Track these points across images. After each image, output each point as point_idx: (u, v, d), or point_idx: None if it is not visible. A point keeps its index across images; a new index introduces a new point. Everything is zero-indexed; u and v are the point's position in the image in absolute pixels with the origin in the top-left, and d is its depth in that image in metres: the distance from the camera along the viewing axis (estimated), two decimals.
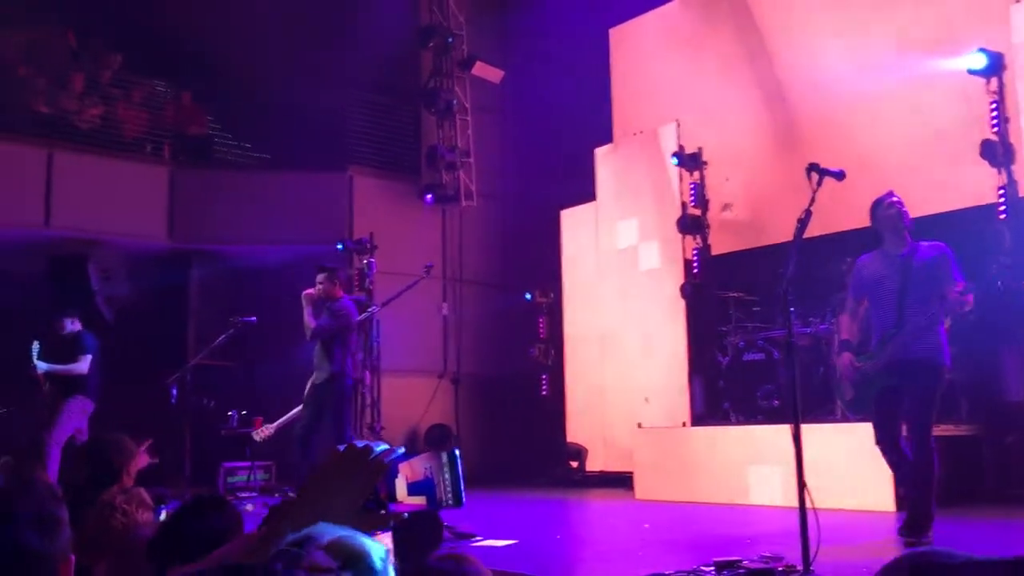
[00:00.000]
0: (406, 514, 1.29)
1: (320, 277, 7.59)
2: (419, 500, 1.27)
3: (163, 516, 3.92)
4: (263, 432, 8.42)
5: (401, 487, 1.27)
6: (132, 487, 3.65)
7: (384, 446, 1.27)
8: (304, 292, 7.61)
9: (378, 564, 1.02)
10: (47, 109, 10.21)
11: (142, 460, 4.03)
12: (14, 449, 7.48)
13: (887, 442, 5.02)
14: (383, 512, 1.27)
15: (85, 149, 10.10)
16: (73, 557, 1.84)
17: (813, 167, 4.23)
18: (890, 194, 5.05)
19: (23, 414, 8.25)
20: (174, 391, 8.65)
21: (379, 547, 1.04)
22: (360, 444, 1.27)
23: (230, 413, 9.96)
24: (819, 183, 4.27)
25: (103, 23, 12.25)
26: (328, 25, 11.37)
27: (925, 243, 5.11)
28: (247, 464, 9.71)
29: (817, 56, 9.06)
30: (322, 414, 7.45)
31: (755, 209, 9.39)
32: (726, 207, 9.51)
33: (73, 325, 7.93)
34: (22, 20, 11.34)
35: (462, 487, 1.28)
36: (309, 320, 7.47)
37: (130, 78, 11.15)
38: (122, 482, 3.81)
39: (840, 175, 4.30)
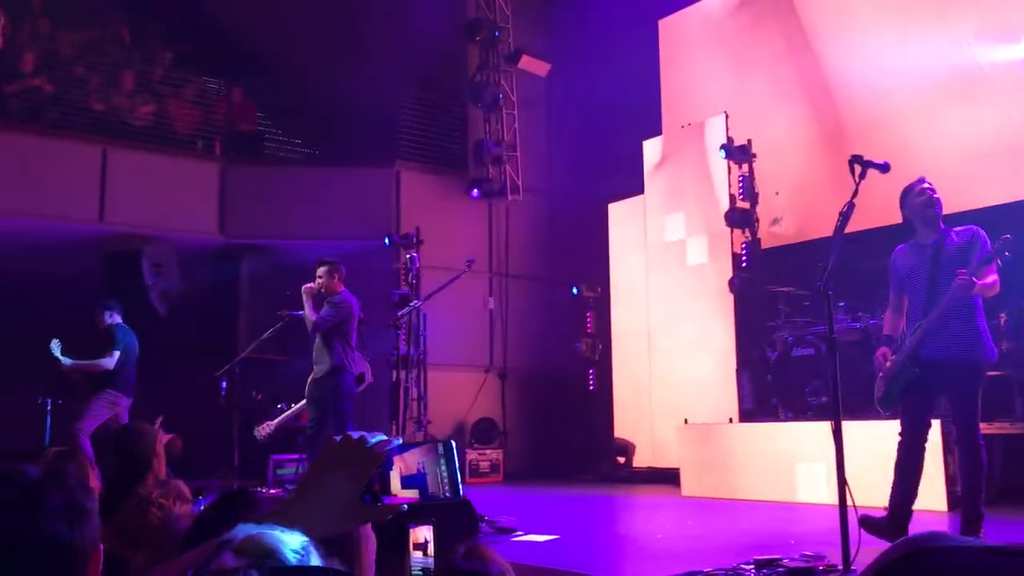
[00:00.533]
0: (404, 506, 1.27)
1: (320, 271, 7.58)
2: (412, 493, 1.25)
3: (201, 508, 3.97)
4: (264, 430, 8.46)
5: (395, 480, 1.25)
6: (170, 480, 3.71)
7: (380, 436, 1.26)
8: (304, 286, 7.59)
9: (291, 557, 1.01)
10: (101, 107, 10.41)
11: (162, 438, 4.08)
12: (65, 441, 7.67)
13: (909, 443, 4.81)
14: (379, 505, 1.26)
15: (138, 146, 10.28)
16: (102, 547, 1.86)
17: (856, 159, 4.11)
18: (921, 180, 4.83)
19: (72, 407, 8.43)
20: (224, 384, 8.80)
21: (294, 540, 1.03)
22: (356, 435, 1.25)
23: (279, 406, 10.06)
24: (862, 175, 4.16)
25: (155, 21, 12.49)
26: (375, 21, 11.44)
27: (957, 228, 4.93)
28: (296, 456, 9.82)
29: (866, 46, 8.87)
30: (327, 411, 7.42)
31: (806, 202, 9.22)
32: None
33: (112, 318, 8.02)
34: (79, 19, 11.60)
35: (459, 479, 1.25)
36: (310, 314, 7.45)
37: (181, 75, 11.33)
38: (154, 468, 3.87)
39: (885, 167, 4.17)
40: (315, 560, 1.03)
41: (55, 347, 7.85)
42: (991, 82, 7.86)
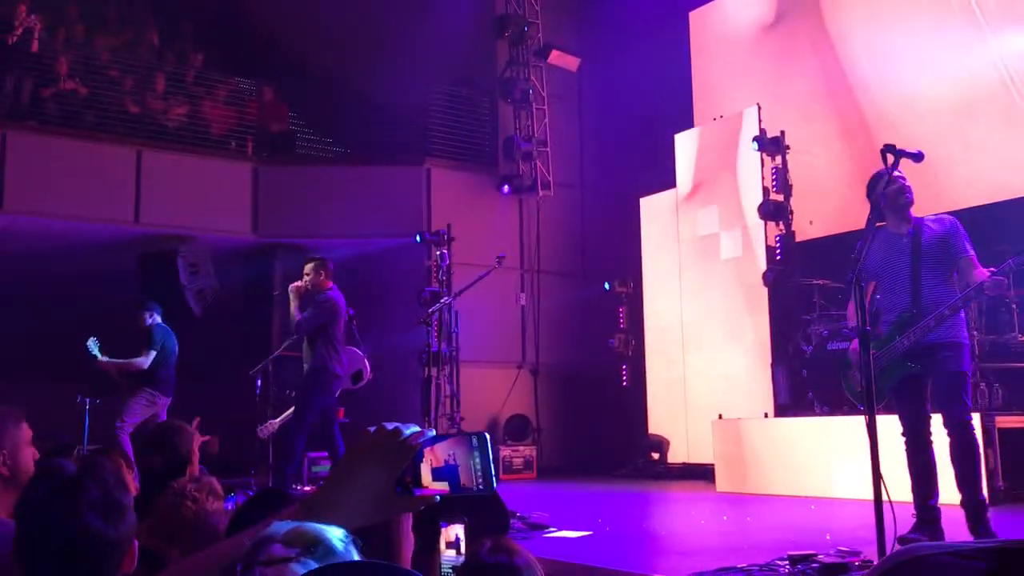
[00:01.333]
0: (437, 498, 1.26)
1: (307, 268, 7.48)
2: (442, 486, 1.24)
3: (232, 505, 4.01)
4: (267, 428, 8.49)
5: (426, 471, 1.24)
6: (204, 476, 3.75)
7: (414, 428, 1.24)
8: (291, 285, 7.50)
9: (338, 546, 1.01)
10: (136, 109, 10.53)
11: (197, 439, 4.13)
12: (104, 439, 7.77)
13: (915, 440, 4.67)
14: (411, 496, 1.25)
15: (172, 147, 10.40)
16: (136, 542, 1.87)
17: (889, 148, 4.04)
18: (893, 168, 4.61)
19: (110, 406, 8.54)
20: (259, 382, 8.87)
21: (337, 530, 1.03)
22: (390, 426, 1.24)
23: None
24: (895, 165, 4.09)
25: (186, 22, 12.62)
26: (405, 19, 11.47)
27: (930, 218, 4.81)
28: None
29: (893, 42, 8.74)
30: (306, 409, 7.38)
31: (840, 194, 9.11)
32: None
33: (152, 319, 8.11)
34: (112, 24, 11.76)
35: (493, 471, 1.24)
36: (295, 313, 7.34)
37: (213, 76, 11.43)
38: (192, 466, 3.92)
39: (918, 156, 4.09)
40: (354, 554, 1.04)
41: (92, 345, 7.95)
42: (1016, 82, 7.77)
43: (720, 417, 8.52)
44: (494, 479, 1.24)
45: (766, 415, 8.52)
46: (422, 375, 10.32)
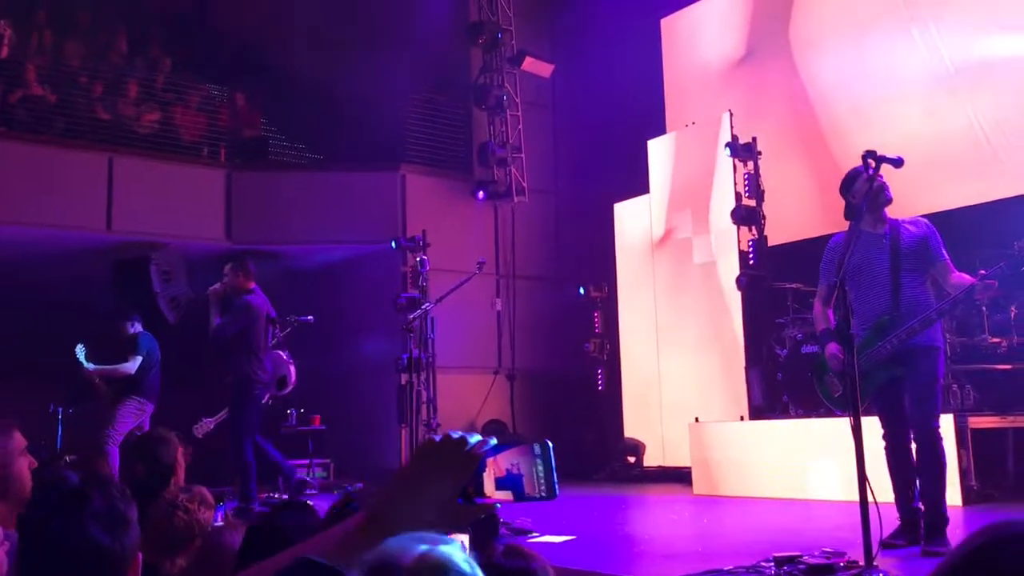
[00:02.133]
0: (498, 505, 1.27)
1: (225, 269, 7.21)
2: (506, 495, 1.25)
3: (222, 515, 4.00)
4: (202, 428, 8.39)
5: (488, 482, 1.25)
6: (195, 486, 3.74)
7: (477, 437, 1.26)
8: (209, 289, 7.21)
9: (466, 568, 1.01)
10: (107, 115, 10.43)
11: (181, 450, 4.13)
12: (80, 448, 7.69)
13: (897, 444, 4.68)
14: (473, 505, 1.26)
15: (144, 154, 10.31)
16: (140, 555, 1.87)
17: (870, 154, 4.12)
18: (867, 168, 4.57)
19: (87, 414, 8.45)
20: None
21: (458, 551, 1.03)
22: (456, 435, 1.25)
23: (289, 411, 10.10)
24: (876, 170, 4.17)
25: (156, 28, 12.52)
26: (378, 24, 11.47)
27: (906, 220, 4.82)
28: (306, 461, 9.85)
29: (868, 47, 8.90)
30: (238, 421, 7.18)
31: (811, 199, 9.24)
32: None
33: (134, 327, 8.06)
34: (82, 28, 11.64)
35: (555, 478, 1.26)
36: (214, 319, 7.09)
37: (184, 82, 11.35)
38: (177, 476, 3.91)
39: (898, 162, 4.16)
40: (479, 571, 1.04)
41: (80, 352, 7.87)
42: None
43: (696, 420, 8.60)
44: (556, 486, 1.26)
45: (742, 418, 8.61)
46: (398, 381, 10.31)
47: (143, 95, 10.89)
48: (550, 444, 1.26)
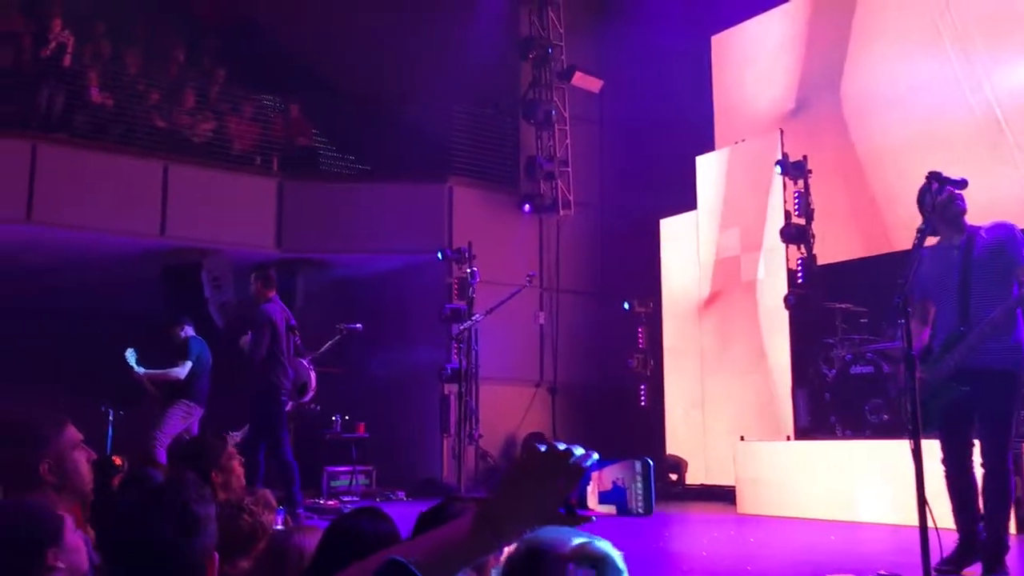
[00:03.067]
0: (594, 517, 1.29)
1: (251, 279, 7.44)
2: (609, 509, 1.28)
3: (281, 518, 4.06)
4: (231, 440, 8.47)
5: (592, 495, 1.27)
6: (258, 489, 3.79)
7: (581, 450, 1.27)
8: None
9: (621, 564, 1.04)
10: (163, 123, 10.64)
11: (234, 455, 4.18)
12: (128, 451, 7.80)
13: (955, 466, 4.48)
14: (573, 517, 1.28)
15: (198, 162, 10.49)
16: (217, 557, 1.89)
17: (934, 175, 4.08)
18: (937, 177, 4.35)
19: (138, 417, 8.58)
20: (283, 397, 8.89)
21: (610, 544, 1.06)
22: (561, 446, 1.26)
23: (333, 418, 10.19)
24: (939, 191, 4.14)
25: (211, 39, 12.76)
26: (430, 39, 11.58)
27: (985, 225, 4.54)
28: (349, 468, 9.93)
29: (920, 67, 8.83)
30: (262, 428, 7.23)
31: (862, 218, 9.17)
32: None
33: (185, 332, 8.18)
34: (140, 38, 11.90)
35: (653, 497, 1.28)
36: (243, 339, 7.32)
37: (238, 92, 11.54)
38: (233, 480, 3.95)
39: (962, 183, 4.13)
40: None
41: (130, 356, 7.99)
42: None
43: (742, 439, 8.54)
44: (653, 504, 1.28)
45: (788, 438, 8.54)
46: (441, 391, 10.37)
47: (198, 104, 11.09)
48: (651, 463, 1.28)
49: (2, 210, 9.25)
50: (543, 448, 1.26)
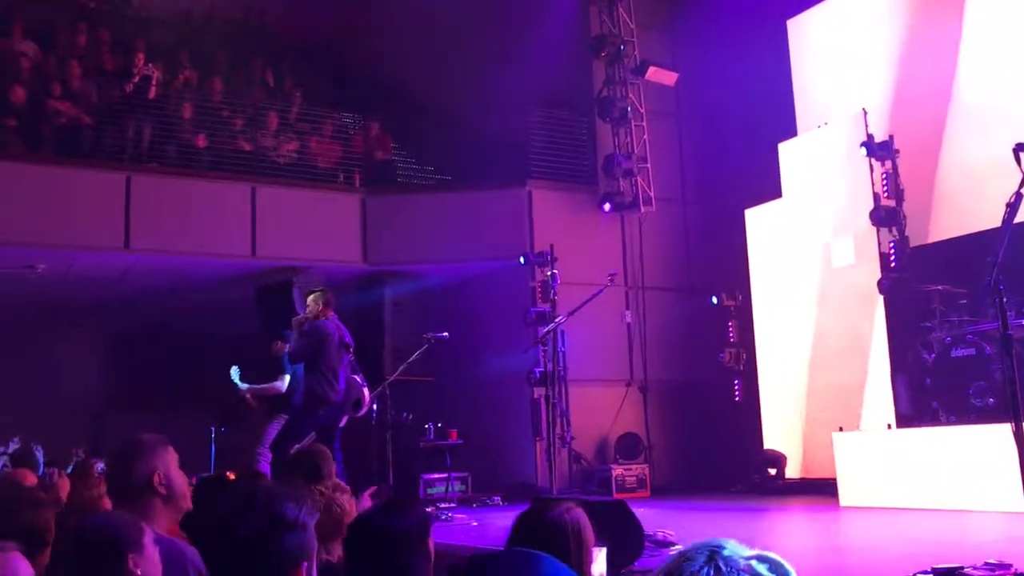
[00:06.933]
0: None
1: (308, 299, 7.88)
2: None
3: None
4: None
5: None
6: (339, 482, 4.03)
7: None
8: (294, 318, 7.97)
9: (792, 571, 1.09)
10: (249, 147, 10.95)
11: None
12: (234, 467, 8.05)
13: None
14: None
15: (284, 182, 10.76)
16: (305, 565, 1.93)
17: (1021, 146, 3.91)
18: None
19: (240, 433, 8.84)
20: (375, 406, 9.07)
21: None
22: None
23: (427, 426, 10.32)
24: None
25: (288, 61, 13.09)
26: (501, 44, 11.64)
27: None
28: (444, 475, 10.04)
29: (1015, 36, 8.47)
30: (298, 431, 7.63)
31: (954, 197, 8.84)
32: None
33: (285, 347, 8.42)
34: (222, 66, 12.29)
35: None
36: (292, 344, 7.73)
37: (318, 112, 11.80)
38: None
39: None
40: None
41: (235, 373, 8.32)
42: None
43: (840, 429, 8.32)
44: None
45: (889, 426, 8.29)
46: (531, 395, 10.38)
47: (281, 126, 11.38)
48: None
49: (102, 239, 9.65)
50: None
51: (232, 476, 5.78)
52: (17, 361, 12.05)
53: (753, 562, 1.09)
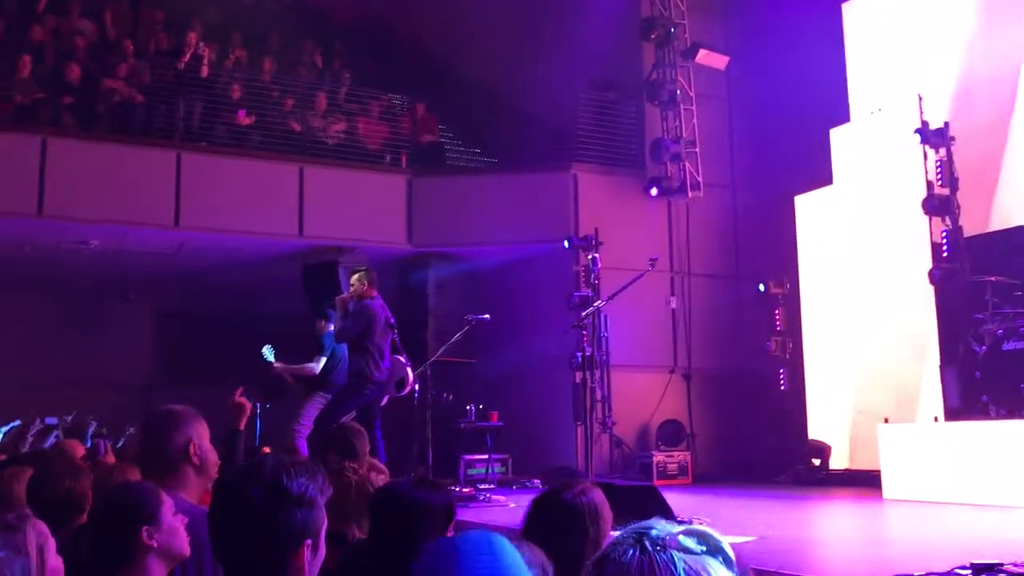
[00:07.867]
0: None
1: (353, 279, 7.90)
2: None
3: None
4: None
5: None
6: (372, 460, 4.02)
7: None
8: (337, 297, 7.99)
9: (732, 555, 1.08)
10: (298, 127, 11.05)
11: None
12: (273, 442, 8.17)
13: None
14: None
15: (332, 162, 10.84)
16: (309, 542, 1.89)
17: None
18: None
19: (282, 409, 8.96)
20: (416, 386, 9.12)
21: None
22: None
23: (468, 407, 10.36)
24: None
25: (338, 42, 13.16)
26: (550, 26, 11.58)
27: None
28: (485, 456, 10.07)
29: None
30: (341, 406, 7.76)
31: (1011, 186, 8.60)
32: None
33: (327, 326, 8.52)
34: (274, 46, 12.40)
35: None
36: (338, 323, 7.80)
37: (366, 93, 11.86)
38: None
39: None
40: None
41: (268, 352, 8.43)
42: None
43: (886, 421, 8.18)
44: None
45: (936, 419, 8.13)
46: (572, 379, 10.36)
47: (329, 107, 11.46)
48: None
49: (152, 216, 9.82)
50: None
51: (267, 450, 5.88)
52: (72, 335, 12.35)
53: (680, 537, 1.08)
